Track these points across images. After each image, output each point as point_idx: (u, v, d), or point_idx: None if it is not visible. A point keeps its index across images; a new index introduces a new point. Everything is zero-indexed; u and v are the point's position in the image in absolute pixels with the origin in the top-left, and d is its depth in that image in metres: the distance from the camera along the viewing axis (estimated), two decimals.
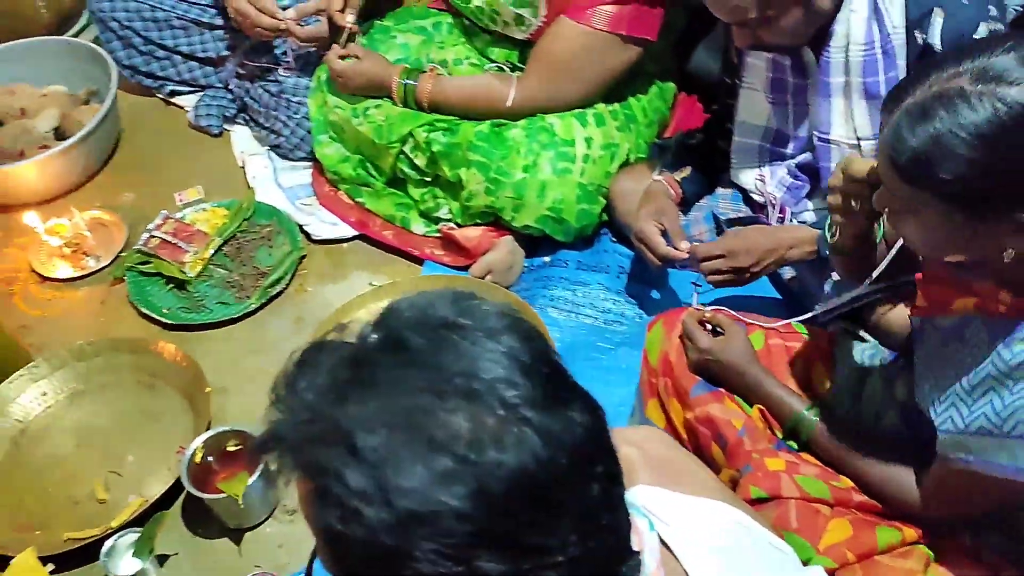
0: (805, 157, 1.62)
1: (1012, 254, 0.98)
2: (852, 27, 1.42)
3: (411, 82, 1.98)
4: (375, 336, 0.68)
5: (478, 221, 2.00)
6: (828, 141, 1.53)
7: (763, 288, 1.77)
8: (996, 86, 0.92)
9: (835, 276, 1.50)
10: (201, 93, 2.42)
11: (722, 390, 1.40)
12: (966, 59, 0.95)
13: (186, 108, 2.44)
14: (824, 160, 1.55)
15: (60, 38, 2.52)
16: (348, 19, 2.03)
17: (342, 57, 2.00)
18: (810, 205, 1.66)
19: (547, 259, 2.04)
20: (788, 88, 1.57)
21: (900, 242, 1.18)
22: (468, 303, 0.69)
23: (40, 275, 2.10)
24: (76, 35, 2.66)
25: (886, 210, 1.07)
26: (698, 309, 1.45)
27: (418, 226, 2.08)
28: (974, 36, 1.38)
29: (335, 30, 2.09)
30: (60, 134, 2.30)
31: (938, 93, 0.95)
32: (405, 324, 0.67)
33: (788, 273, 1.73)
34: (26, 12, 2.55)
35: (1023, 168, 0.93)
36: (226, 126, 2.39)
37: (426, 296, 0.70)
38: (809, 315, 1.45)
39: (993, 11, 1.37)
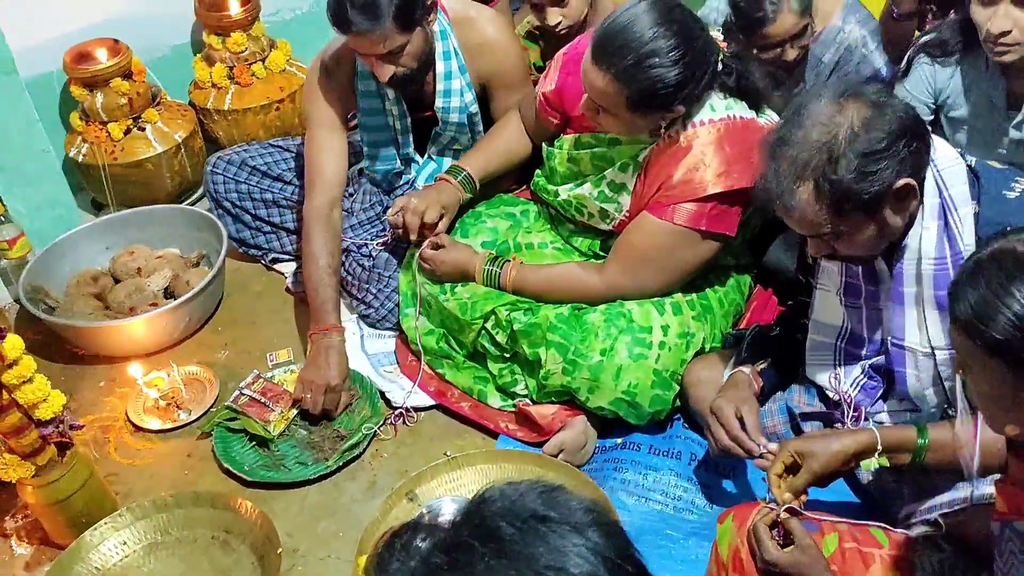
0: (880, 359, 1.64)
1: None
2: (924, 242, 1.48)
3: (495, 269, 2.09)
4: (467, 523, 0.72)
5: (553, 399, 2.05)
6: (902, 347, 1.56)
7: (840, 491, 1.75)
8: None
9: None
10: (297, 264, 2.60)
11: None
12: None
13: (285, 274, 2.61)
14: (898, 365, 1.58)
15: (179, 206, 2.76)
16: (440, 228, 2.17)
17: (433, 246, 2.14)
18: (885, 407, 1.66)
19: (619, 441, 2.06)
20: (861, 293, 1.62)
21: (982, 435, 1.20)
22: (556, 496, 0.73)
23: (134, 425, 2.21)
24: (194, 203, 2.91)
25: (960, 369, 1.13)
26: (771, 508, 1.42)
27: (495, 400, 2.14)
28: None
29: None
30: (169, 293, 2.48)
31: (993, 252, 1.06)
32: (497, 513, 0.71)
33: (865, 476, 1.71)
34: (157, 182, 2.82)
35: None
36: None
37: (516, 487, 0.74)
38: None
39: None
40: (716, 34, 1.87)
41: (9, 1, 2.45)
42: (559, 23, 2.38)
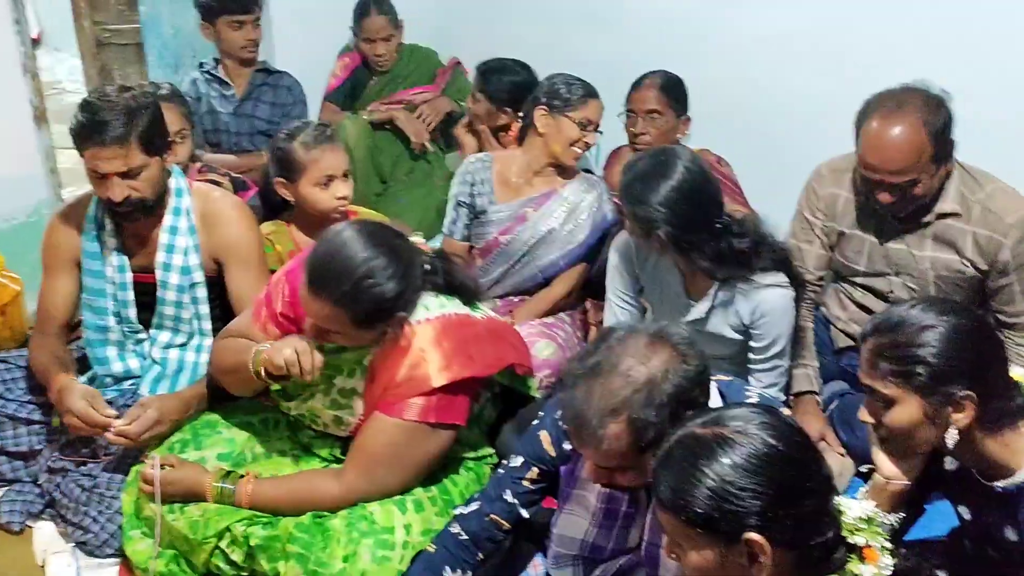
0: (625, 560, 1.71)
1: None
2: None
3: (228, 486, 2.00)
4: None
5: None
6: (659, 547, 1.60)
7: None
8: (718, 427, 1.22)
9: None
10: (6, 488, 2.34)
11: None
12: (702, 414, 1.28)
13: None
14: (652, 567, 1.65)
15: None
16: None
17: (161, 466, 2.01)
18: None
19: None
20: (619, 516, 1.69)
21: None
22: None
23: None
24: None
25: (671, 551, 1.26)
26: None
27: None
28: None
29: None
30: None
31: (678, 438, 1.25)
32: None
33: None
34: None
35: (740, 492, 1.17)
36: (29, 522, 2.28)
37: None
38: None
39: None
40: (416, 238, 2.00)
41: None
42: None
